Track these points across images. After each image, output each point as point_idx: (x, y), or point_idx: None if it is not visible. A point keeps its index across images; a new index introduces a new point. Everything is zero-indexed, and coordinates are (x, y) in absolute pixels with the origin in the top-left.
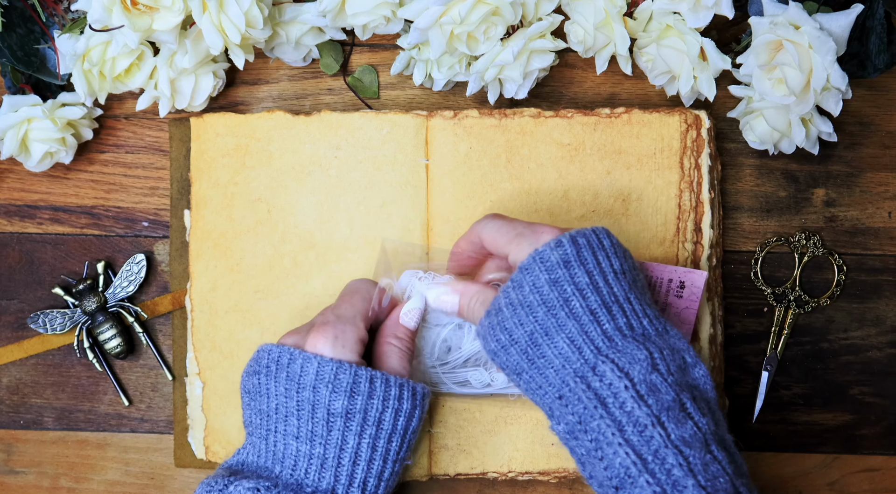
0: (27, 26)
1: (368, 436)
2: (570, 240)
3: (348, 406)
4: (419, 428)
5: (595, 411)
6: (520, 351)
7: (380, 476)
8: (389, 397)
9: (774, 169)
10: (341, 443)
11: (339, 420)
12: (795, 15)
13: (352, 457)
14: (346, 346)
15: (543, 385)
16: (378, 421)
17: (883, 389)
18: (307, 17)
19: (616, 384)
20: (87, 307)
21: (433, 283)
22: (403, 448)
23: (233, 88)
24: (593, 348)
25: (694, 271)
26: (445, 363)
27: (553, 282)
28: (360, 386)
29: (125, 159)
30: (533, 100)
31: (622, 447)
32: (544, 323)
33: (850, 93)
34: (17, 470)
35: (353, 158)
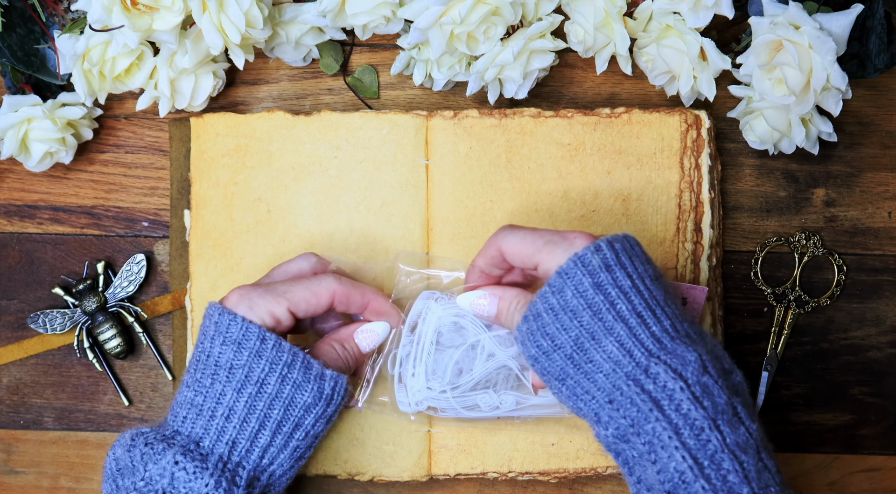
0: (27, 26)
1: (247, 394)
2: (609, 245)
3: (233, 359)
4: (320, 413)
5: (650, 414)
6: (564, 357)
7: (253, 438)
8: (279, 361)
9: (774, 169)
10: (219, 396)
11: (223, 372)
12: (795, 15)
13: (225, 412)
14: (253, 309)
15: (591, 390)
16: (260, 382)
17: (883, 389)
18: (307, 17)
19: (671, 385)
20: (87, 307)
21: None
22: (288, 420)
23: (233, 88)
24: (644, 350)
25: (695, 287)
26: (456, 386)
27: (597, 286)
28: (250, 341)
29: (125, 159)
30: (533, 100)
31: (679, 450)
32: (591, 327)
33: (850, 93)
34: (17, 470)
35: (353, 158)
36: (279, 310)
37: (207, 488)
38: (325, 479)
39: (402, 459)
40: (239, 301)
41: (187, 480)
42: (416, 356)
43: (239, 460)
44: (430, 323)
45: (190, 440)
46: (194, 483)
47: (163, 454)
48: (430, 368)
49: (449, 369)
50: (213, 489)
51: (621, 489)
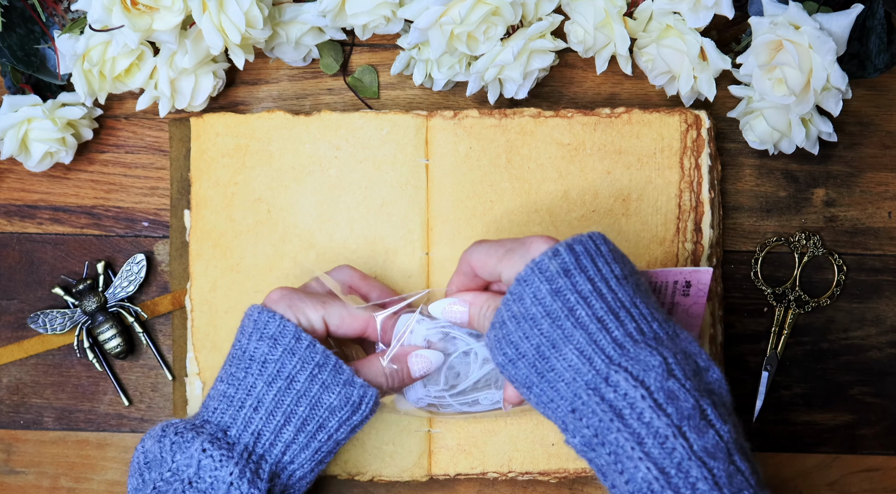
0: (27, 26)
1: (277, 388)
2: (567, 248)
3: (267, 354)
4: (345, 418)
5: (611, 424)
6: (528, 365)
7: (277, 432)
8: (311, 361)
9: (774, 169)
10: (250, 387)
11: (256, 366)
12: (795, 15)
13: (254, 403)
14: (292, 308)
15: (555, 398)
16: (291, 378)
17: (883, 389)
18: (307, 17)
19: (632, 394)
20: (87, 307)
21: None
22: (313, 419)
23: (233, 88)
24: (604, 357)
25: (699, 269)
26: (455, 387)
27: (555, 292)
28: (286, 338)
29: (125, 159)
30: (533, 100)
31: (643, 461)
32: (550, 335)
33: (850, 93)
34: (17, 470)
35: (353, 158)
36: (315, 317)
37: (232, 477)
38: (325, 479)
39: (402, 459)
40: (279, 299)
41: (213, 468)
42: None
43: (262, 453)
44: (417, 335)
45: (218, 428)
46: (220, 472)
47: (192, 442)
48: None
49: (444, 373)
50: (238, 478)
51: None
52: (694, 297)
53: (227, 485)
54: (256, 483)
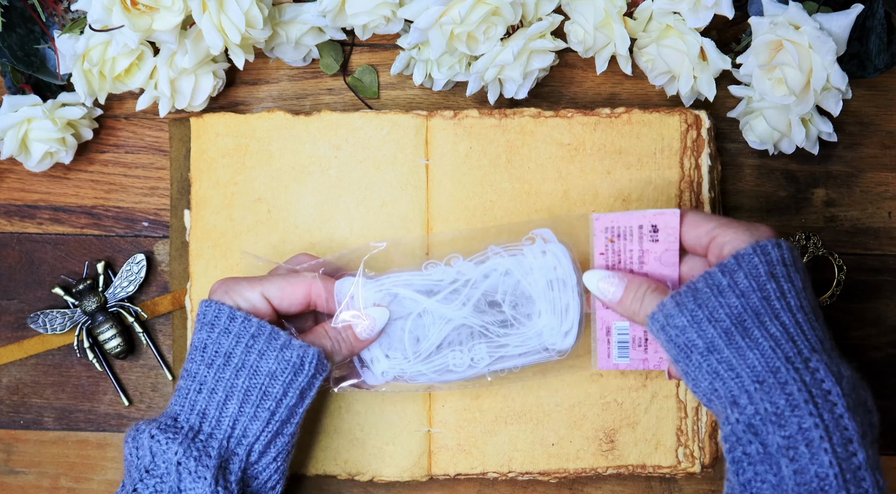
0: (27, 26)
1: (216, 367)
2: (788, 247)
3: (206, 339)
4: (288, 381)
5: (804, 406)
6: (720, 329)
7: (221, 407)
8: (245, 334)
9: (774, 169)
10: (194, 374)
11: (197, 353)
12: (795, 15)
13: (197, 387)
14: (229, 293)
15: (738, 368)
16: (228, 354)
17: (883, 389)
18: (307, 17)
19: (828, 385)
20: (87, 307)
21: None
22: (255, 388)
23: (233, 88)
24: (807, 343)
25: (664, 211)
26: (418, 353)
27: (772, 275)
28: (220, 320)
29: (125, 159)
30: (533, 100)
31: (827, 454)
32: (757, 308)
33: (850, 93)
34: (17, 470)
35: (353, 158)
36: (254, 296)
37: (178, 456)
38: (325, 479)
39: (402, 459)
40: (218, 288)
41: (163, 452)
42: None
43: (210, 431)
44: (363, 301)
45: (168, 416)
46: (168, 454)
47: (143, 432)
48: (385, 343)
49: (405, 339)
50: (184, 457)
51: (621, 488)
52: (664, 242)
53: (176, 466)
54: (203, 460)
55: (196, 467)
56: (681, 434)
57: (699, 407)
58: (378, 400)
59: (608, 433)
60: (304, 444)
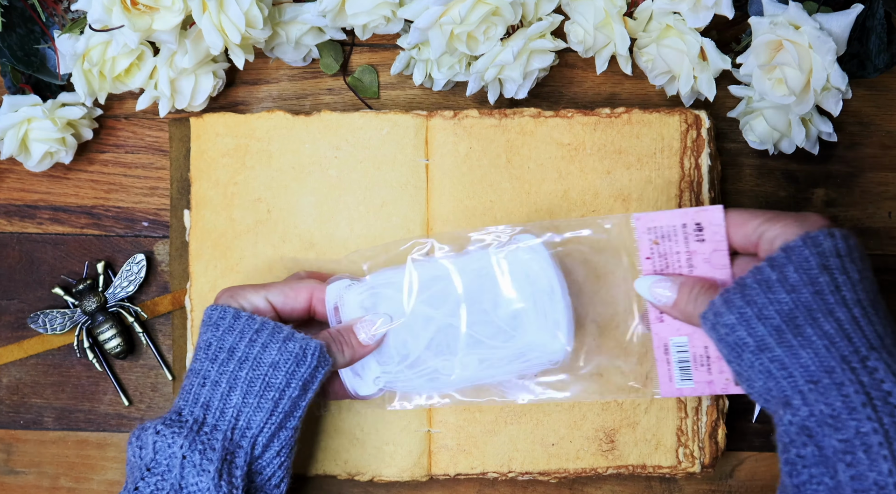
0: (27, 26)
1: (220, 362)
2: (843, 236)
3: (211, 338)
4: (290, 371)
5: (861, 409)
6: (770, 327)
7: (225, 398)
8: (249, 329)
9: (774, 169)
10: (198, 371)
11: (202, 352)
12: (795, 15)
13: (201, 381)
14: (234, 297)
15: (791, 367)
16: (231, 349)
17: None
18: (307, 17)
19: (888, 387)
20: (87, 307)
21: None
22: (258, 379)
23: (233, 88)
24: (864, 340)
25: (707, 208)
26: (406, 357)
27: (824, 267)
28: (225, 320)
29: (125, 159)
30: (533, 100)
31: (887, 461)
32: (809, 303)
33: (850, 93)
34: (17, 470)
35: (353, 158)
36: (257, 299)
37: (182, 449)
38: (325, 479)
39: (402, 459)
40: (223, 294)
41: (166, 447)
42: None
43: (215, 422)
44: (350, 307)
45: (172, 412)
46: (172, 449)
47: (148, 429)
48: (377, 350)
49: (391, 345)
50: (189, 450)
51: (621, 488)
52: (711, 242)
53: (180, 460)
54: (207, 453)
55: (200, 460)
56: (681, 434)
57: (699, 407)
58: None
59: (608, 433)
60: (304, 444)
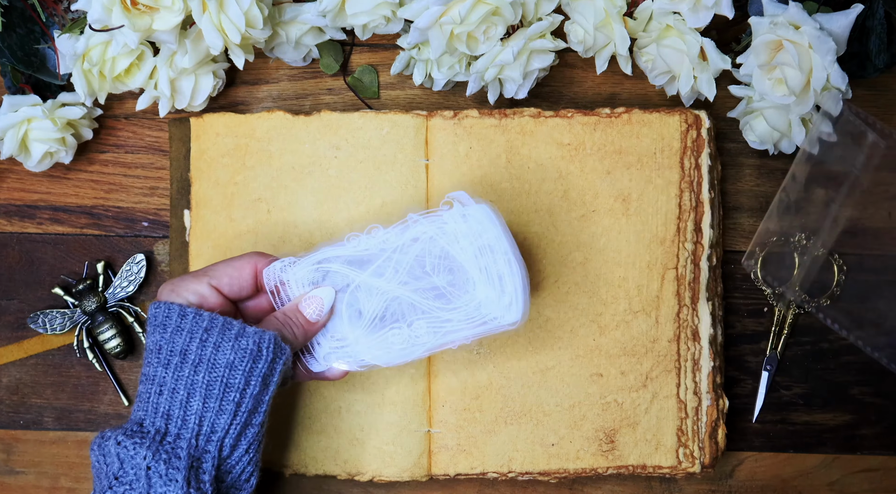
0: (27, 26)
1: (173, 367)
2: None
3: (160, 340)
4: (248, 369)
5: None
6: None
7: (185, 406)
8: (198, 328)
9: (774, 169)
10: (153, 377)
11: (153, 356)
12: (795, 15)
13: (157, 389)
14: (176, 291)
15: None
16: (183, 352)
17: (883, 389)
18: (307, 17)
19: None
20: (87, 307)
21: None
22: (216, 382)
23: (233, 88)
24: None
25: None
26: (357, 330)
27: None
28: (172, 319)
29: (125, 159)
30: (533, 100)
31: None
32: None
33: (850, 92)
34: (17, 470)
35: (353, 158)
36: (201, 287)
37: (146, 461)
38: (325, 479)
39: (402, 459)
40: (164, 288)
41: (130, 458)
42: None
43: (177, 432)
44: (296, 285)
45: (133, 422)
46: (136, 459)
47: (109, 440)
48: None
49: (346, 314)
50: (153, 461)
51: (621, 489)
52: None
53: (145, 470)
54: (173, 462)
55: (166, 470)
56: (681, 434)
57: (699, 408)
58: (378, 401)
59: (608, 433)
60: (304, 445)
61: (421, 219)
